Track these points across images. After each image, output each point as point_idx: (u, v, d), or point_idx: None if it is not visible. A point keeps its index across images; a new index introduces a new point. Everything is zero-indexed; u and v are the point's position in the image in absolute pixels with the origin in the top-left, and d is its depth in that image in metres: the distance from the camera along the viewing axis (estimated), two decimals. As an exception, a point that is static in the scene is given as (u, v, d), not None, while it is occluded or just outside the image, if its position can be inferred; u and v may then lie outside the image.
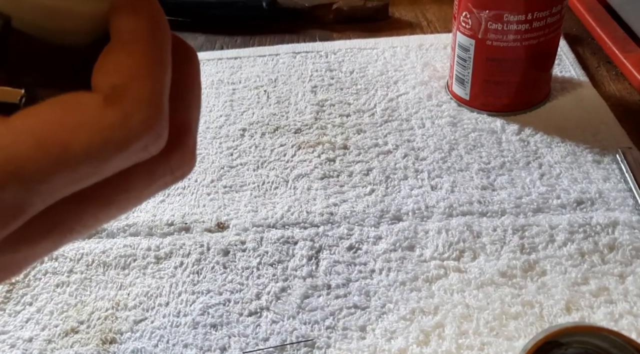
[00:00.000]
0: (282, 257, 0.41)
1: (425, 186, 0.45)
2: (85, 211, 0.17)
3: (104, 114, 0.16)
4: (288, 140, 0.51)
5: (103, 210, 0.18)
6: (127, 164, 0.17)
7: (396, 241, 0.41)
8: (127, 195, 0.18)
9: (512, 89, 0.50)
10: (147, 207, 0.46)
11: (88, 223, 0.18)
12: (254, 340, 0.36)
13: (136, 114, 0.16)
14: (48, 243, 0.17)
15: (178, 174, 0.19)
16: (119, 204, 0.18)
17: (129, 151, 0.16)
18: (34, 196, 0.15)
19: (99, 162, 0.16)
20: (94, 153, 0.15)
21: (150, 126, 0.16)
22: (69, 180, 0.16)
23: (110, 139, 0.16)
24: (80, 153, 0.15)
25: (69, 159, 0.15)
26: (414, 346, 0.34)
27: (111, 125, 0.16)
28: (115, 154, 0.16)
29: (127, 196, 0.18)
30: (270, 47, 0.65)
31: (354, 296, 0.38)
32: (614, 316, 0.35)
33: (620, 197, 0.42)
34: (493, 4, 0.45)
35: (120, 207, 0.18)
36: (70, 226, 0.17)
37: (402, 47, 0.63)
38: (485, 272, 0.38)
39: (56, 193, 0.16)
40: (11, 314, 0.39)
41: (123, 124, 0.16)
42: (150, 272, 0.41)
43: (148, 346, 0.36)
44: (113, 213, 0.18)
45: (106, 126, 0.16)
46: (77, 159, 0.15)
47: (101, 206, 0.18)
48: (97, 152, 0.15)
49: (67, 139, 0.15)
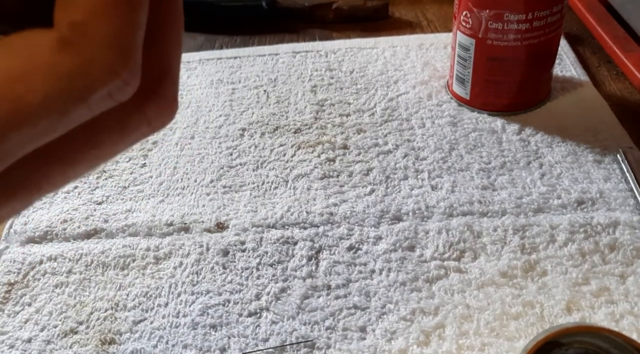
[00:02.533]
0: (281, 257, 0.41)
1: (425, 186, 0.45)
2: (51, 169, 0.16)
3: (60, 59, 0.14)
4: (288, 140, 0.51)
5: (71, 167, 0.16)
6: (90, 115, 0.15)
7: (396, 241, 0.41)
8: (98, 151, 0.16)
9: (513, 88, 0.50)
10: (147, 208, 0.45)
11: (56, 181, 0.16)
12: (253, 341, 0.36)
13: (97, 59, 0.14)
14: (16, 204, 0.16)
15: (156, 125, 0.17)
16: (90, 161, 0.17)
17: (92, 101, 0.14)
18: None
19: (58, 116, 0.14)
20: (51, 106, 0.14)
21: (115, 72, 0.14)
22: (26, 137, 0.14)
23: (69, 89, 0.14)
24: (35, 106, 0.13)
25: (23, 113, 0.13)
26: (414, 346, 0.34)
27: (69, 72, 0.14)
28: (76, 106, 0.14)
29: (98, 151, 0.16)
30: (270, 47, 0.65)
31: (354, 297, 0.37)
32: (615, 317, 0.35)
33: (621, 197, 0.42)
34: (493, 4, 0.45)
35: (91, 163, 0.17)
36: (37, 184, 0.16)
37: (402, 46, 0.63)
38: (486, 272, 0.38)
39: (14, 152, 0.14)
40: (10, 314, 0.39)
41: (82, 70, 0.14)
42: (149, 272, 0.40)
43: (147, 346, 0.36)
44: (83, 169, 0.17)
45: (63, 74, 0.14)
46: (32, 114, 0.14)
47: (69, 163, 0.16)
48: (54, 104, 0.14)
49: (18, 91, 0.13)
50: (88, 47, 0.14)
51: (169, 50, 0.17)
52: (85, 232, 0.44)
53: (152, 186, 0.48)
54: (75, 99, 0.14)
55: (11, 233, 0.44)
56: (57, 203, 0.47)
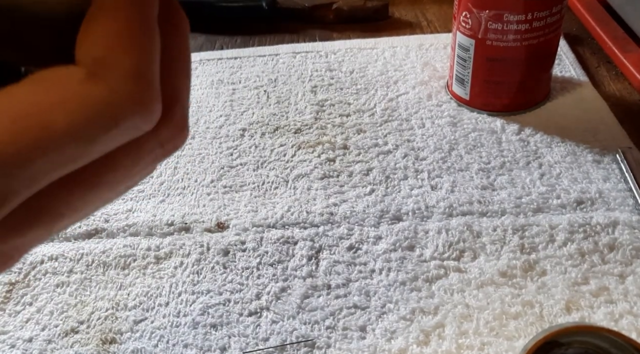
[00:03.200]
0: (282, 257, 0.41)
1: (425, 186, 0.45)
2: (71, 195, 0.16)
3: (86, 90, 0.14)
4: (288, 140, 0.51)
5: (91, 192, 0.17)
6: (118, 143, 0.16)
7: (396, 241, 0.41)
8: (115, 174, 0.17)
9: (512, 89, 0.50)
10: (147, 208, 0.46)
11: (78, 207, 0.17)
12: (254, 340, 0.36)
13: (123, 89, 0.15)
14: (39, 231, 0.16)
15: (169, 148, 0.18)
16: (108, 185, 0.17)
17: (118, 130, 0.15)
18: (16, 183, 0.14)
19: (85, 143, 0.15)
20: (77, 133, 0.14)
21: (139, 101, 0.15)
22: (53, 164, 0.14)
23: (95, 118, 0.14)
24: (62, 134, 0.14)
25: (50, 141, 0.14)
26: (414, 346, 0.34)
27: (95, 102, 0.14)
28: (102, 134, 0.15)
29: (115, 174, 0.17)
30: (270, 47, 0.65)
31: (354, 296, 0.38)
32: (614, 316, 0.35)
33: (620, 197, 0.42)
34: (493, 4, 0.45)
35: (110, 187, 0.17)
36: (59, 211, 0.16)
37: (402, 47, 0.63)
38: (485, 272, 0.38)
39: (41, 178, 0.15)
40: (11, 314, 0.39)
41: (109, 100, 0.14)
42: (150, 272, 0.41)
43: (148, 346, 0.36)
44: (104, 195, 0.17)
45: (90, 103, 0.14)
46: (59, 141, 0.14)
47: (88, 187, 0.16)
48: (81, 132, 0.14)
49: (46, 119, 0.14)
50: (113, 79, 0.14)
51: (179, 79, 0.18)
52: (86, 232, 0.44)
53: (152, 186, 0.48)
54: (102, 127, 0.15)
55: (12, 233, 0.44)
56: (57, 203, 0.47)
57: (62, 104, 0.14)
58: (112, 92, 0.15)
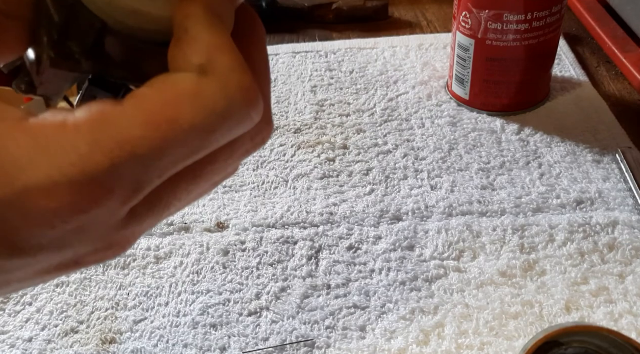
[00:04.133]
0: (282, 257, 0.41)
1: (425, 186, 0.45)
2: (177, 187, 0.18)
3: (202, 87, 0.16)
4: (288, 140, 0.51)
5: (193, 183, 0.18)
6: (234, 135, 0.17)
7: (396, 241, 0.41)
8: (212, 167, 0.18)
9: (512, 89, 0.50)
10: (147, 208, 0.46)
11: (182, 197, 0.19)
12: (254, 340, 0.36)
13: (233, 82, 0.16)
14: (152, 219, 0.18)
15: (258, 141, 0.20)
16: (207, 177, 0.19)
17: (233, 121, 0.17)
18: (151, 173, 0.16)
19: (207, 135, 0.16)
20: (201, 126, 0.16)
21: (248, 92, 0.17)
22: (181, 155, 0.16)
23: (214, 110, 0.16)
24: (188, 128, 0.16)
25: (178, 134, 0.16)
26: (414, 346, 0.34)
27: (211, 95, 0.16)
28: (221, 125, 0.16)
29: (212, 167, 0.18)
30: (270, 47, 0.65)
31: (354, 296, 0.38)
32: (614, 316, 0.35)
33: (620, 197, 0.42)
34: (493, 4, 0.45)
35: (208, 179, 0.19)
36: (167, 201, 0.18)
37: (402, 47, 0.63)
38: (485, 272, 0.38)
39: (170, 169, 0.17)
40: (11, 314, 0.39)
41: (223, 93, 0.16)
42: (150, 272, 0.41)
43: (148, 346, 0.36)
44: (203, 187, 0.19)
45: (207, 97, 0.16)
46: (186, 134, 0.16)
47: (191, 179, 0.18)
48: (203, 124, 0.16)
49: (172, 115, 0.16)
50: (223, 75, 0.16)
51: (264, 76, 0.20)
52: (86, 232, 0.44)
53: (152, 186, 0.48)
54: (221, 118, 0.16)
55: (12, 233, 0.44)
56: (57, 203, 0.47)
57: (184, 101, 0.16)
58: (224, 85, 0.16)
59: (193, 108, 0.16)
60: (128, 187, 0.16)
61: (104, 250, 0.18)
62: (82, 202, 0.15)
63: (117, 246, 0.18)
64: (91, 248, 0.18)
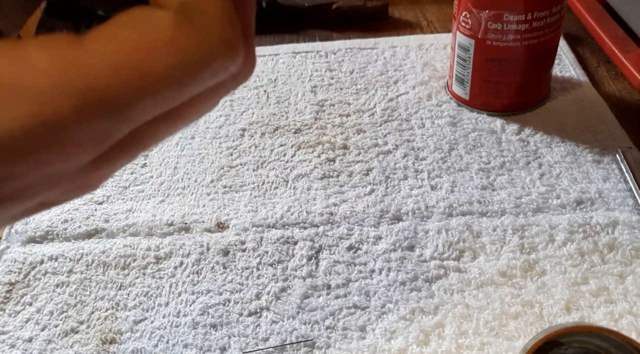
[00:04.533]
0: (282, 257, 0.41)
1: (425, 186, 0.45)
2: (157, 128, 0.17)
3: (179, 35, 0.15)
4: (288, 140, 0.51)
5: (173, 124, 0.18)
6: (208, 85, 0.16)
7: (396, 241, 0.41)
8: (191, 108, 0.18)
9: (512, 89, 0.50)
10: (147, 208, 0.46)
11: (159, 137, 0.18)
12: (253, 340, 0.36)
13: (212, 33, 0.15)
14: (125, 159, 0.18)
15: (240, 79, 0.19)
16: (186, 117, 0.18)
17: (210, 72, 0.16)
18: (119, 123, 0.15)
19: (180, 87, 0.15)
20: (174, 78, 0.15)
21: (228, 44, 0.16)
22: (151, 106, 0.15)
23: (190, 62, 0.15)
24: (160, 79, 0.15)
25: (150, 85, 0.15)
26: (413, 346, 0.34)
27: (188, 46, 0.15)
28: (196, 77, 0.15)
29: (191, 108, 0.18)
30: (270, 47, 0.65)
31: (354, 296, 0.38)
32: (614, 316, 0.35)
33: (620, 197, 0.42)
34: (493, 4, 0.45)
35: (186, 119, 0.18)
36: (144, 142, 0.17)
37: (402, 47, 0.63)
38: (485, 272, 0.38)
39: (139, 119, 0.16)
40: (11, 314, 0.39)
41: (201, 44, 0.15)
42: (150, 272, 0.41)
43: (148, 346, 0.36)
44: (179, 126, 0.18)
45: (183, 48, 0.15)
46: (158, 86, 0.15)
47: (170, 121, 0.17)
48: (177, 77, 0.15)
49: (145, 64, 0.15)
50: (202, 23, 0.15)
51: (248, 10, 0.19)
52: (86, 232, 0.44)
53: (152, 186, 0.48)
54: (196, 71, 0.15)
55: (12, 233, 0.44)
56: (57, 203, 0.47)
57: (157, 48, 0.15)
58: (203, 36, 0.15)
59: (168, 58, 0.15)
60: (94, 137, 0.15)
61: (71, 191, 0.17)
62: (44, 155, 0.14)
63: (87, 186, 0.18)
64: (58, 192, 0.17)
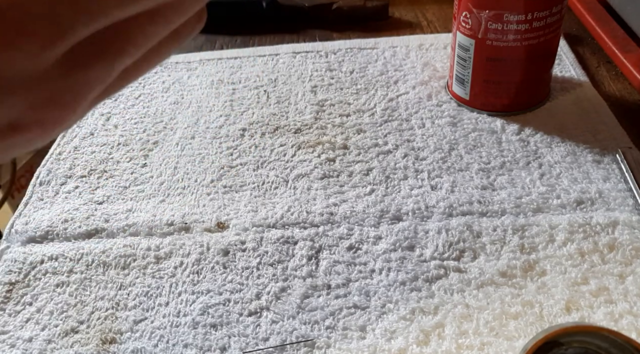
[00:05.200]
0: (282, 257, 0.41)
1: (425, 186, 0.45)
2: (130, 30, 0.16)
3: None
4: (288, 140, 0.51)
5: (151, 25, 0.17)
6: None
7: (396, 241, 0.41)
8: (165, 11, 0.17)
9: (512, 89, 0.50)
10: (147, 207, 0.46)
11: (139, 42, 0.17)
12: (254, 340, 0.36)
13: None
14: (101, 64, 0.16)
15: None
16: (165, 16, 0.17)
17: None
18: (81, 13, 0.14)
19: None
20: None
21: None
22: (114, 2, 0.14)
23: None
24: None
25: None
26: (414, 346, 0.34)
27: None
28: None
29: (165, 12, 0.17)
30: (270, 47, 0.65)
31: (354, 296, 0.38)
32: (614, 316, 0.35)
33: (620, 197, 0.42)
34: (493, 4, 0.45)
35: (167, 19, 0.17)
36: (121, 46, 0.16)
37: (402, 47, 0.63)
38: (485, 272, 0.38)
39: (110, 12, 0.15)
40: (11, 314, 0.39)
41: None
42: (150, 272, 0.41)
43: (148, 346, 0.36)
44: (160, 27, 0.17)
45: None
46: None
47: (146, 20, 0.16)
48: None
49: None
50: None
51: None
52: (86, 232, 0.44)
53: (152, 186, 0.48)
54: None
55: (12, 233, 0.44)
56: (58, 203, 0.47)
57: None
58: None
59: None
60: (50, 28, 0.13)
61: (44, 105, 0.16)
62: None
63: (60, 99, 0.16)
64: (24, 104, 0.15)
